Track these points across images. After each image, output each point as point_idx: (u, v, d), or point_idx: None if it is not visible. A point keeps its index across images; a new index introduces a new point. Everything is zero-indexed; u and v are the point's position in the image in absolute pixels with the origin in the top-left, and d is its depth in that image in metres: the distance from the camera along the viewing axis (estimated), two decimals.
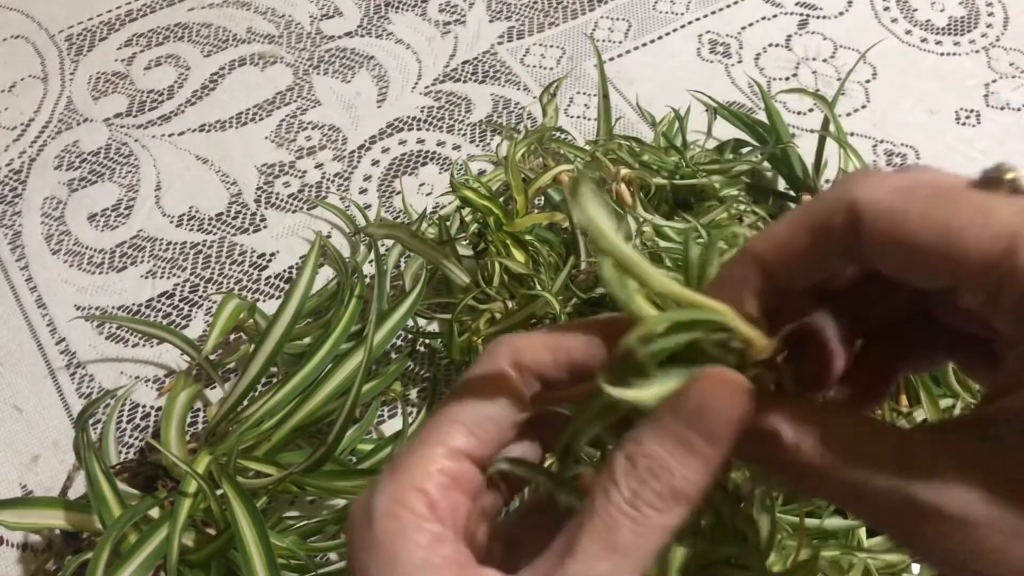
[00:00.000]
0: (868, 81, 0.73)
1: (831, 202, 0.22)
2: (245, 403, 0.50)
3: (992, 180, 0.22)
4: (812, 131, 0.70)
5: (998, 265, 0.20)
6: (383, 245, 0.63)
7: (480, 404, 0.24)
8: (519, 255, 0.53)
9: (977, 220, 0.20)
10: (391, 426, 0.55)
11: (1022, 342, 0.21)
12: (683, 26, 0.78)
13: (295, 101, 0.73)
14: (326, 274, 0.62)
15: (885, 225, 0.21)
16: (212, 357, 0.57)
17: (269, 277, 0.63)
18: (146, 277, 0.63)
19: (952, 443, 0.21)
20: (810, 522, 0.44)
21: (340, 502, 0.51)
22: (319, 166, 0.69)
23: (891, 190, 0.21)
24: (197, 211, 0.67)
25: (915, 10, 0.78)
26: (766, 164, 0.65)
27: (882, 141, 0.70)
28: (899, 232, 0.21)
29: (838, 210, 0.22)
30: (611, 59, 0.76)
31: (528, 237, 0.53)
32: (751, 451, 0.22)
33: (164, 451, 0.48)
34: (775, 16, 0.78)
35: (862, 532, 0.44)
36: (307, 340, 0.55)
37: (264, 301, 0.62)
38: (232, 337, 0.59)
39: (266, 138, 0.71)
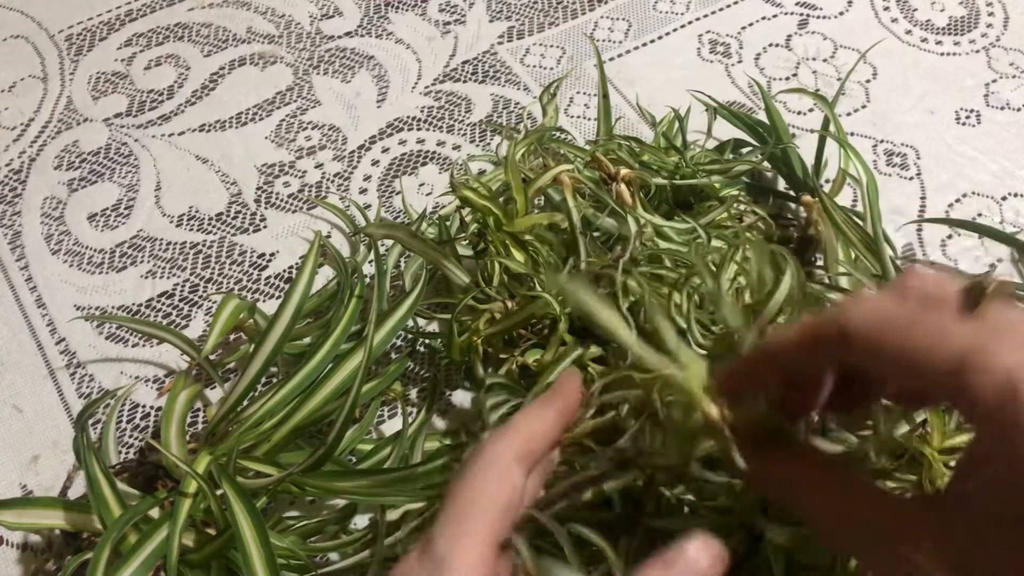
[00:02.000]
0: (868, 81, 0.73)
1: (828, 322, 0.29)
2: (245, 403, 0.50)
3: (974, 295, 0.27)
4: (812, 131, 0.70)
5: (951, 382, 0.26)
6: (383, 245, 0.63)
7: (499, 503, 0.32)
8: (519, 255, 0.53)
9: (933, 344, 0.26)
10: (391, 426, 0.55)
11: (976, 442, 0.27)
12: (683, 26, 0.78)
13: (295, 101, 0.73)
14: (326, 274, 0.62)
15: (866, 344, 0.28)
16: (212, 357, 0.57)
17: (269, 277, 0.63)
18: (146, 277, 0.63)
19: (932, 513, 0.27)
20: None
21: (340, 502, 0.51)
22: (319, 166, 0.69)
23: (874, 315, 0.28)
24: (197, 211, 0.67)
25: (915, 10, 0.78)
26: (766, 164, 0.65)
27: (882, 141, 0.70)
28: (876, 350, 0.27)
29: (833, 328, 0.28)
30: (611, 59, 0.76)
31: (528, 237, 0.53)
32: (778, 496, 0.31)
33: (164, 451, 0.48)
34: (775, 16, 0.78)
35: None
36: (307, 340, 0.55)
37: (264, 301, 0.62)
38: (232, 337, 0.59)
39: (266, 138, 0.71)
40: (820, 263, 0.59)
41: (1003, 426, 0.25)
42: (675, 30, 0.78)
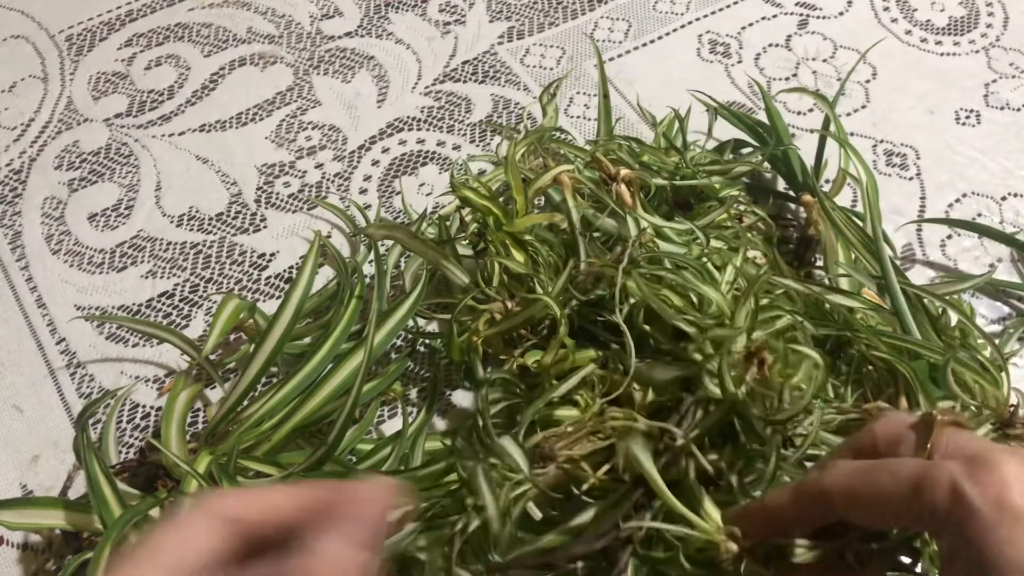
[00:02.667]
0: (868, 81, 0.73)
1: (811, 487, 0.35)
2: (245, 403, 0.51)
3: (924, 429, 0.33)
4: (812, 131, 0.70)
5: (913, 507, 0.30)
6: (383, 245, 0.63)
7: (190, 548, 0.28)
8: (519, 255, 0.53)
9: (892, 481, 0.31)
10: (391, 426, 0.55)
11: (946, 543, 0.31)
12: (683, 26, 0.78)
13: (295, 101, 0.73)
14: (326, 274, 0.62)
15: (843, 500, 0.33)
16: (212, 357, 0.57)
17: (269, 277, 0.63)
18: (146, 277, 0.63)
19: None
20: None
21: None
22: (319, 166, 0.69)
23: (844, 474, 0.34)
24: (197, 211, 0.67)
25: (915, 10, 0.78)
26: (766, 164, 0.66)
27: (882, 141, 0.70)
28: (853, 503, 0.33)
29: (815, 493, 0.35)
30: (611, 59, 0.76)
31: (528, 237, 0.53)
32: None
33: (165, 451, 0.48)
34: (775, 16, 0.78)
35: None
36: (307, 340, 0.55)
37: (264, 301, 0.62)
38: (232, 337, 0.59)
39: (266, 138, 0.71)
40: (820, 263, 0.59)
41: (959, 523, 0.29)
42: (675, 30, 0.78)
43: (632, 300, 0.48)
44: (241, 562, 0.29)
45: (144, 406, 0.57)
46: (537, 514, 0.43)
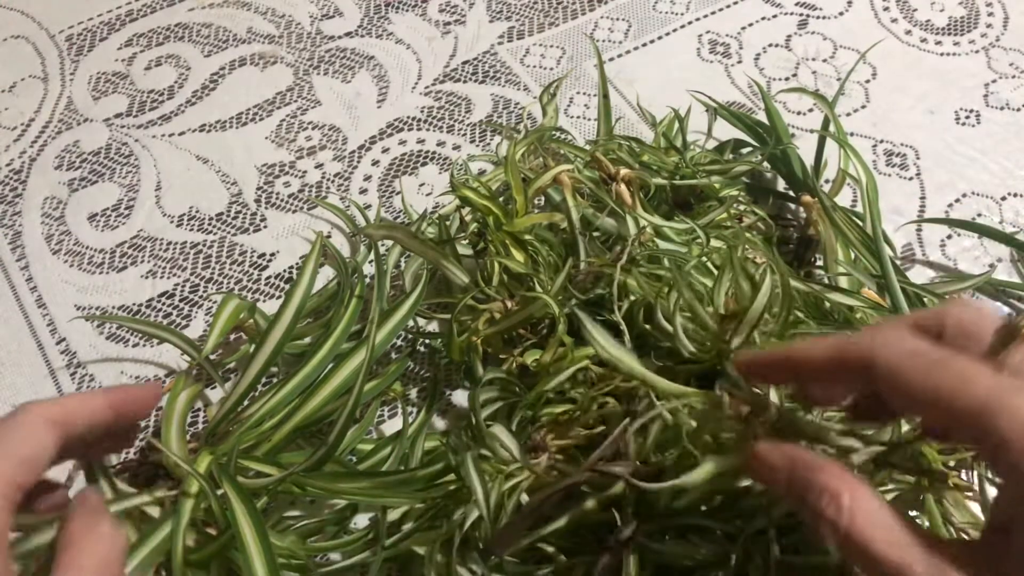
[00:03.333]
0: (868, 81, 0.73)
1: (857, 350, 0.30)
2: (245, 403, 0.50)
3: (1005, 337, 0.29)
4: (812, 131, 0.70)
5: (974, 424, 0.27)
6: (383, 245, 0.63)
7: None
8: (519, 255, 0.53)
9: (957, 387, 0.27)
10: (391, 426, 0.55)
11: (1006, 486, 0.28)
12: (683, 26, 0.78)
13: (295, 101, 0.73)
14: (326, 274, 0.62)
15: (890, 381, 0.29)
16: (212, 357, 0.57)
17: (269, 277, 0.63)
18: (146, 277, 0.63)
19: (976, 554, 0.28)
20: None
21: (341, 502, 0.51)
22: (319, 166, 0.69)
23: (902, 354, 0.29)
24: (197, 211, 0.67)
25: (915, 10, 0.79)
26: (766, 164, 0.66)
27: (882, 141, 0.70)
28: (901, 388, 0.29)
29: (860, 358, 0.30)
30: (611, 59, 0.76)
31: (528, 237, 0.53)
32: (813, 510, 0.30)
33: (165, 450, 0.48)
34: (775, 16, 0.78)
35: None
36: (307, 340, 0.55)
37: (264, 301, 0.62)
38: (232, 337, 0.59)
39: (266, 138, 0.71)
40: (820, 263, 0.59)
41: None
42: (675, 30, 0.78)
43: (632, 298, 0.48)
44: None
45: None
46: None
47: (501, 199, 0.57)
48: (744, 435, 0.37)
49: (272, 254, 0.64)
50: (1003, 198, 0.66)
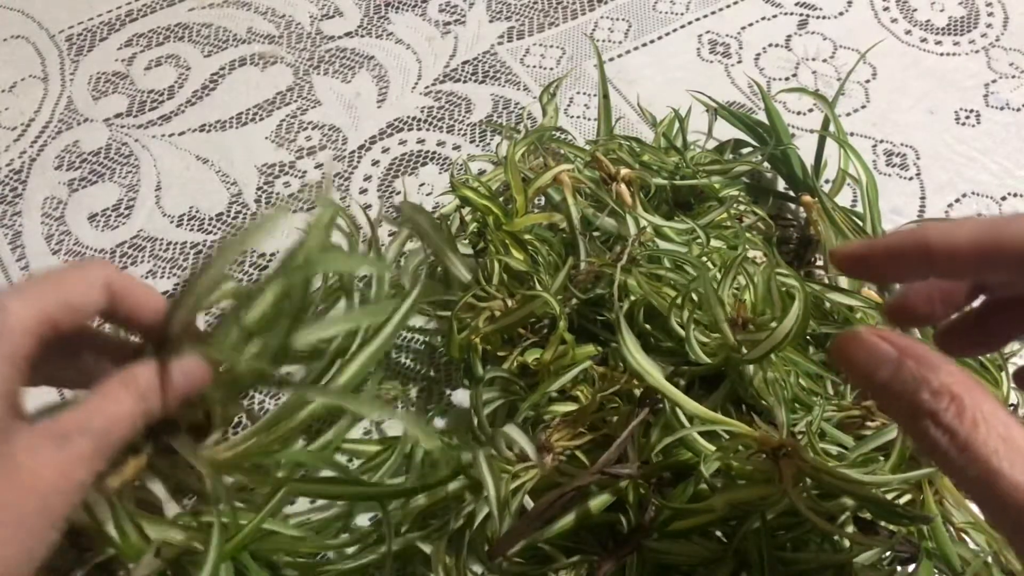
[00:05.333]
0: (868, 81, 0.74)
1: (909, 238, 0.30)
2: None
3: None
4: (812, 131, 0.70)
5: None
6: (382, 245, 0.63)
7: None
8: (518, 254, 0.53)
9: (1013, 229, 0.27)
10: (391, 426, 0.55)
11: None
12: (683, 26, 0.78)
13: (295, 101, 0.73)
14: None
15: (947, 246, 0.28)
16: None
17: None
18: (146, 277, 0.63)
19: None
20: None
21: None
22: (319, 166, 0.69)
23: (953, 227, 0.29)
24: (197, 211, 0.67)
25: (915, 10, 0.79)
26: (766, 164, 0.66)
27: (882, 141, 0.70)
28: (958, 255, 0.28)
29: (914, 244, 0.29)
30: (611, 59, 0.76)
31: (528, 237, 0.53)
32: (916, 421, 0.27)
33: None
34: (775, 16, 0.78)
35: None
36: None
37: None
38: None
39: (266, 138, 0.71)
40: (820, 263, 0.59)
41: None
42: (675, 30, 0.78)
43: (632, 298, 0.48)
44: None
45: None
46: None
47: (501, 199, 0.57)
48: (767, 472, 0.37)
49: (272, 254, 0.64)
50: (1003, 198, 0.66)
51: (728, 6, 0.79)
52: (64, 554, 0.50)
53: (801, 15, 0.78)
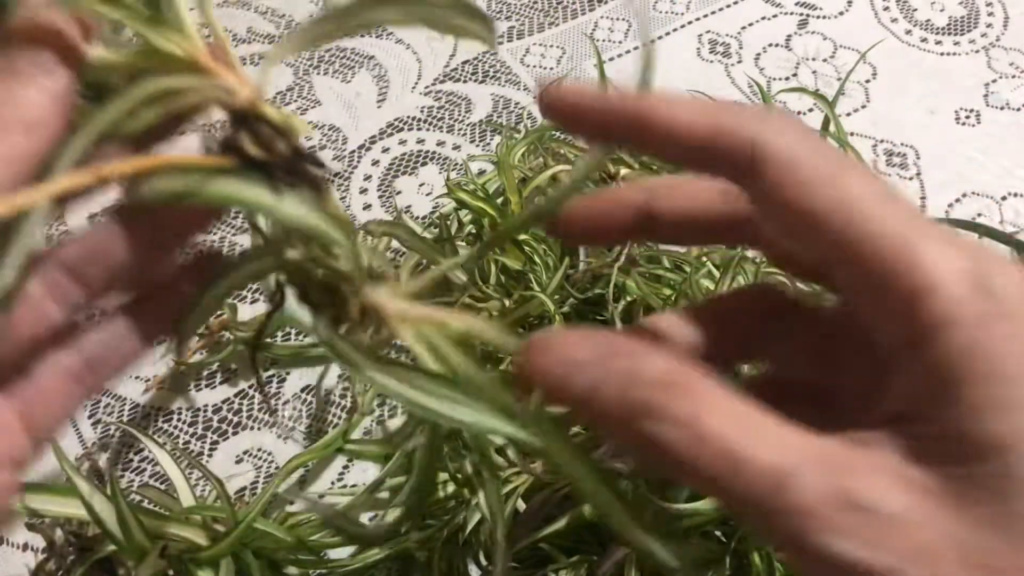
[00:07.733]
0: (868, 81, 0.73)
1: (740, 125, 0.21)
2: None
3: None
4: None
5: (889, 264, 0.19)
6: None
7: None
8: (515, 255, 0.53)
9: (878, 213, 0.19)
10: (391, 425, 0.55)
11: (901, 350, 0.20)
12: (683, 26, 0.78)
13: (295, 101, 0.74)
14: None
15: (780, 177, 0.20)
16: (198, 356, 0.57)
17: None
18: None
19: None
20: None
21: (342, 501, 0.51)
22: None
23: (796, 141, 0.21)
24: None
25: (915, 10, 0.78)
26: None
27: (882, 141, 0.70)
28: (794, 194, 0.20)
29: (741, 144, 0.21)
30: (611, 59, 0.76)
31: (524, 237, 0.53)
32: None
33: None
34: (775, 16, 0.78)
35: None
36: (307, 339, 0.56)
37: (265, 301, 0.62)
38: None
39: None
40: None
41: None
42: (675, 30, 0.78)
43: (630, 298, 0.48)
44: None
45: (144, 405, 0.57)
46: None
47: (500, 199, 0.58)
48: None
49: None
50: (1003, 198, 0.66)
51: (728, 6, 0.79)
52: (64, 553, 0.50)
53: (801, 15, 0.78)
